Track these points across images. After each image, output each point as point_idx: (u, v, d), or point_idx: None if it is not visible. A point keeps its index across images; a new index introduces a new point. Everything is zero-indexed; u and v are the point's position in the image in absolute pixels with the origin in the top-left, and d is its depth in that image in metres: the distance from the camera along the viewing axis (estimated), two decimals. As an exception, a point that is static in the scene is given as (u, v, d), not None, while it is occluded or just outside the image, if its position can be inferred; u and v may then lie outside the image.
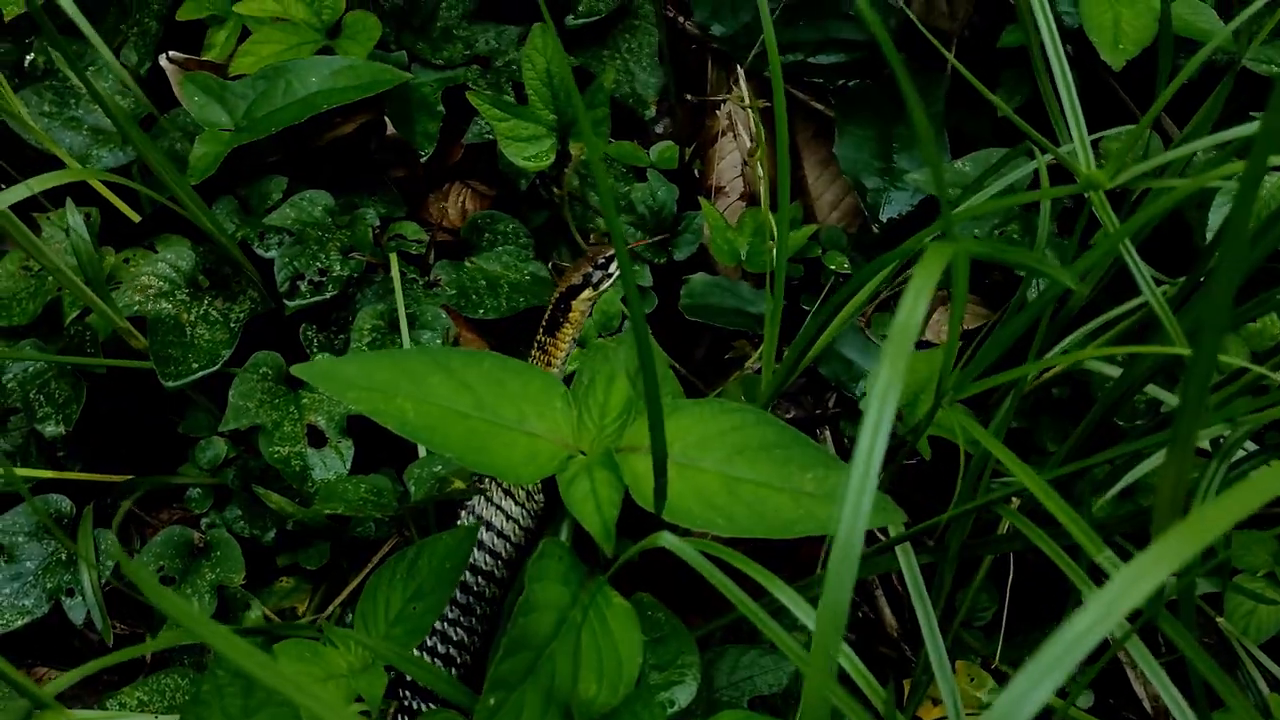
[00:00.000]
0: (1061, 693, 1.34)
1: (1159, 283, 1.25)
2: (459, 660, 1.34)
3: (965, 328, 1.56)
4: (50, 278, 1.51)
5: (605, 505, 1.03)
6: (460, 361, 1.08)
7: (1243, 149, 1.08)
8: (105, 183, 1.50)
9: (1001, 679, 1.38)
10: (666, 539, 0.93)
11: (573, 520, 1.21)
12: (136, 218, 1.53)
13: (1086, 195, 0.97)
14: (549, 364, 1.36)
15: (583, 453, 1.08)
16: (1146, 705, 1.37)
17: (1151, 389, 1.27)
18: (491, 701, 0.95)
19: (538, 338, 1.37)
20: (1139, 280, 0.97)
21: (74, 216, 1.33)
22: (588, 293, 1.35)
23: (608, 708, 1.01)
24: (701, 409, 1.09)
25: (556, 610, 1.02)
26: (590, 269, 1.36)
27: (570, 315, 1.35)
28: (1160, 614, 0.96)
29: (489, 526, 1.33)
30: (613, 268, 1.37)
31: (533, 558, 1.03)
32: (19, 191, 1.22)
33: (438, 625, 1.31)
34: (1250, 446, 1.14)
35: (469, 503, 1.35)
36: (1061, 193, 0.96)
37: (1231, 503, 0.57)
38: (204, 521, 1.45)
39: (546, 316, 1.38)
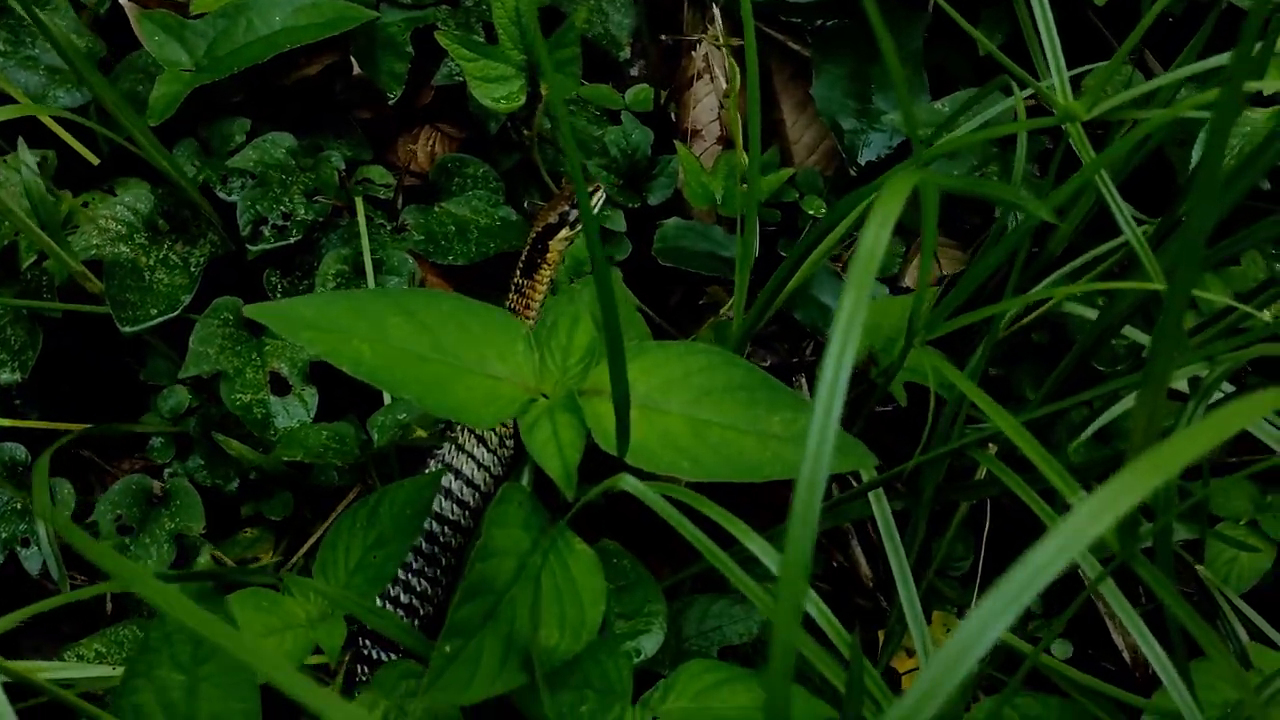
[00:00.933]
0: (1034, 639, 1.33)
1: (1140, 222, 1.22)
2: (422, 611, 1.31)
3: (943, 273, 1.53)
4: (6, 222, 1.47)
5: (567, 448, 1.00)
6: (420, 303, 1.05)
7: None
8: (63, 124, 1.46)
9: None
10: (628, 481, 0.90)
11: (535, 465, 1.18)
12: (95, 160, 1.49)
13: (1064, 129, 0.94)
14: (527, 306, 1.33)
15: (545, 396, 1.05)
16: (1125, 656, 1.35)
17: (1130, 331, 1.25)
18: (448, 648, 0.93)
19: (514, 279, 1.34)
20: (1117, 215, 0.94)
21: (27, 155, 1.29)
22: (565, 232, 1.32)
23: (570, 654, 0.99)
24: (666, 351, 1.06)
25: (516, 556, 1.00)
26: (567, 208, 1.32)
27: (547, 256, 1.32)
28: (1137, 559, 0.94)
29: (458, 474, 1.30)
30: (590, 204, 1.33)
31: (492, 503, 1.00)
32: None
33: (401, 575, 1.29)
34: (1229, 388, 1.11)
35: (438, 450, 1.32)
36: (1039, 125, 0.93)
37: (1202, 432, 0.55)
38: (166, 471, 1.42)
39: (523, 258, 1.35)
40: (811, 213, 1.56)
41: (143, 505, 1.35)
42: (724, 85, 1.68)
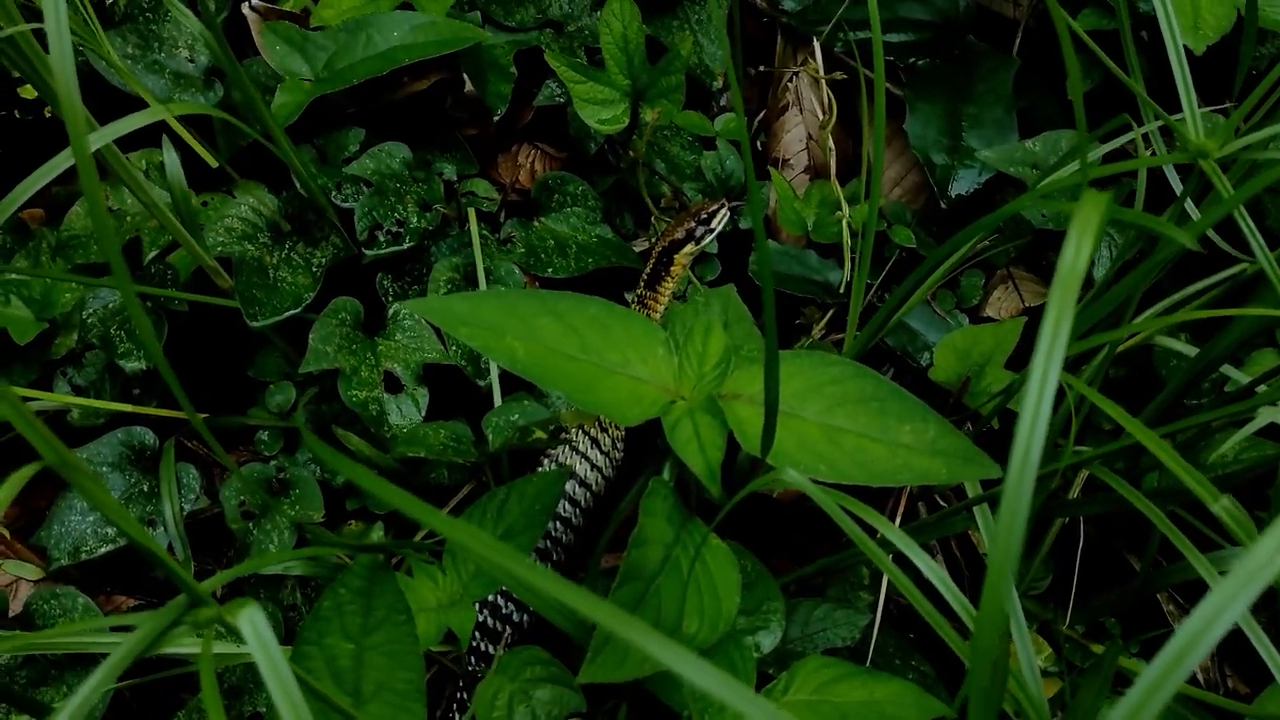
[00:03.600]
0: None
1: (1236, 260, 1.29)
2: (533, 605, 1.36)
3: (1025, 304, 1.60)
4: (129, 217, 1.52)
5: (709, 448, 1.06)
6: (567, 305, 1.10)
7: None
8: (185, 126, 1.52)
9: (1060, 650, 1.41)
10: (790, 474, 0.95)
11: (673, 464, 1.24)
12: (214, 163, 1.55)
13: (1195, 164, 1.00)
14: (648, 318, 1.38)
15: (684, 398, 1.10)
16: (1199, 676, 1.40)
17: (1226, 369, 1.31)
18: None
19: (637, 291, 1.40)
20: (1253, 243, 1.00)
21: (170, 154, 1.35)
22: (690, 247, 1.38)
23: (706, 644, 1.04)
24: (802, 360, 1.11)
25: (663, 546, 1.05)
26: (693, 224, 1.39)
27: (672, 269, 1.38)
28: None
29: (571, 475, 1.36)
30: (715, 222, 1.40)
31: (643, 495, 1.06)
32: (124, 126, 1.23)
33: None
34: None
35: (551, 451, 1.37)
36: (1172, 160, 1.00)
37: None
38: (273, 464, 1.47)
39: (648, 270, 1.41)
40: (899, 242, 1.62)
41: (264, 493, 1.40)
42: (817, 117, 1.75)
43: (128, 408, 1.44)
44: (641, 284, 1.42)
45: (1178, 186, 1.33)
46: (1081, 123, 0.93)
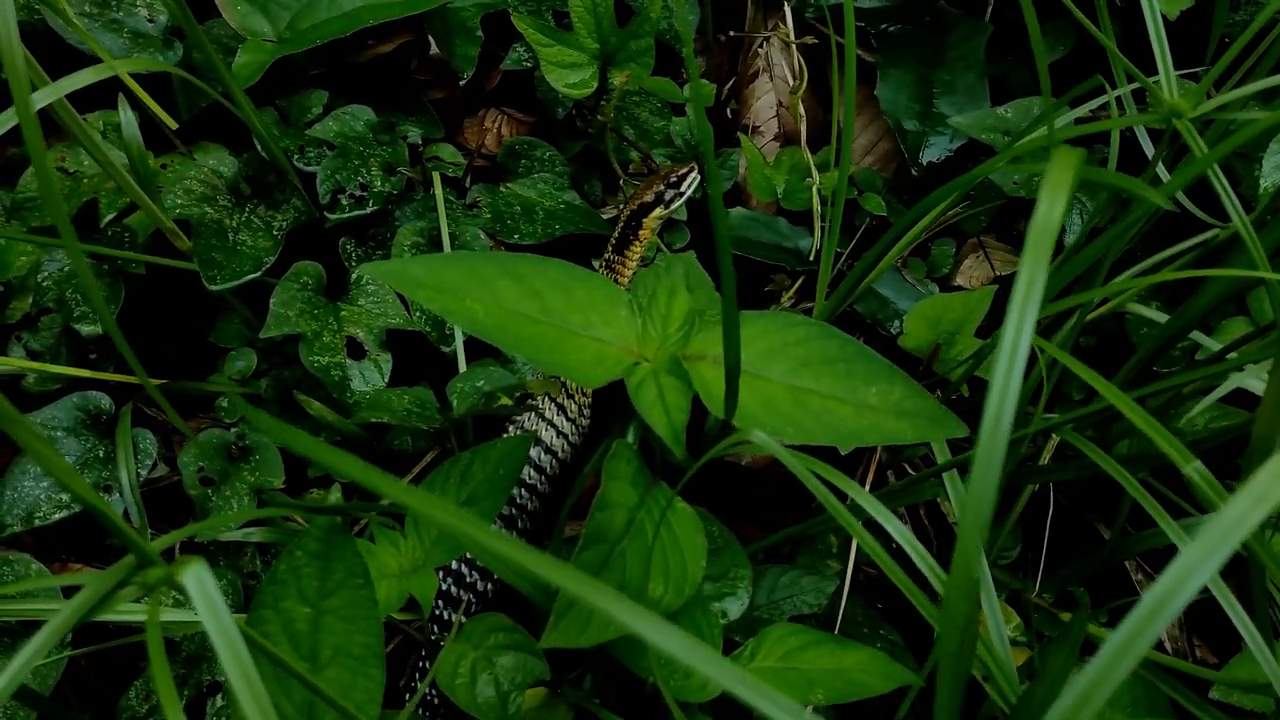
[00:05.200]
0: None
1: (1208, 226, 1.28)
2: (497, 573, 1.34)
3: (997, 273, 1.58)
4: (86, 179, 1.49)
5: (674, 410, 1.04)
6: (527, 268, 1.08)
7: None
8: (144, 86, 1.49)
9: (1028, 619, 1.40)
10: (757, 435, 0.94)
11: (637, 428, 1.22)
12: (174, 124, 1.52)
13: (1169, 125, 0.98)
14: (616, 281, 1.37)
15: (647, 360, 1.08)
16: (1168, 646, 1.40)
17: (1194, 334, 1.30)
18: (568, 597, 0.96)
19: (605, 256, 1.38)
20: (1226, 203, 0.99)
21: (126, 113, 1.32)
22: (659, 210, 1.36)
23: (672, 608, 1.02)
24: (767, 321, 1.10)
25: (627, 509, 1.03)
26: (662, 187, 1.36)
27: (640, 233, 1.37)
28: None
29: (537, 441, 1.34)
30: (684, 186, 1.38)
31: (606, 458, 1.04)
32: (74, 81, 1.20)
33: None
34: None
35: (517, 418, 1.35)
36: (1145, 121, 0.98)
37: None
38: (234, 431, 1.44)
39: (616, 234, 1.39)
40: (869, 209, 1.60)
41: (223, 459, 1.38)
42: (786, 83, 1.73)
43: (84, 373, 1.41)
44: (609, 248, 1.40)
45: (1152, 153, 1.32)
46: (1045, 81, 0.91)
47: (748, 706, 0.54)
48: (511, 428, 1.36)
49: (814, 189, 1.59)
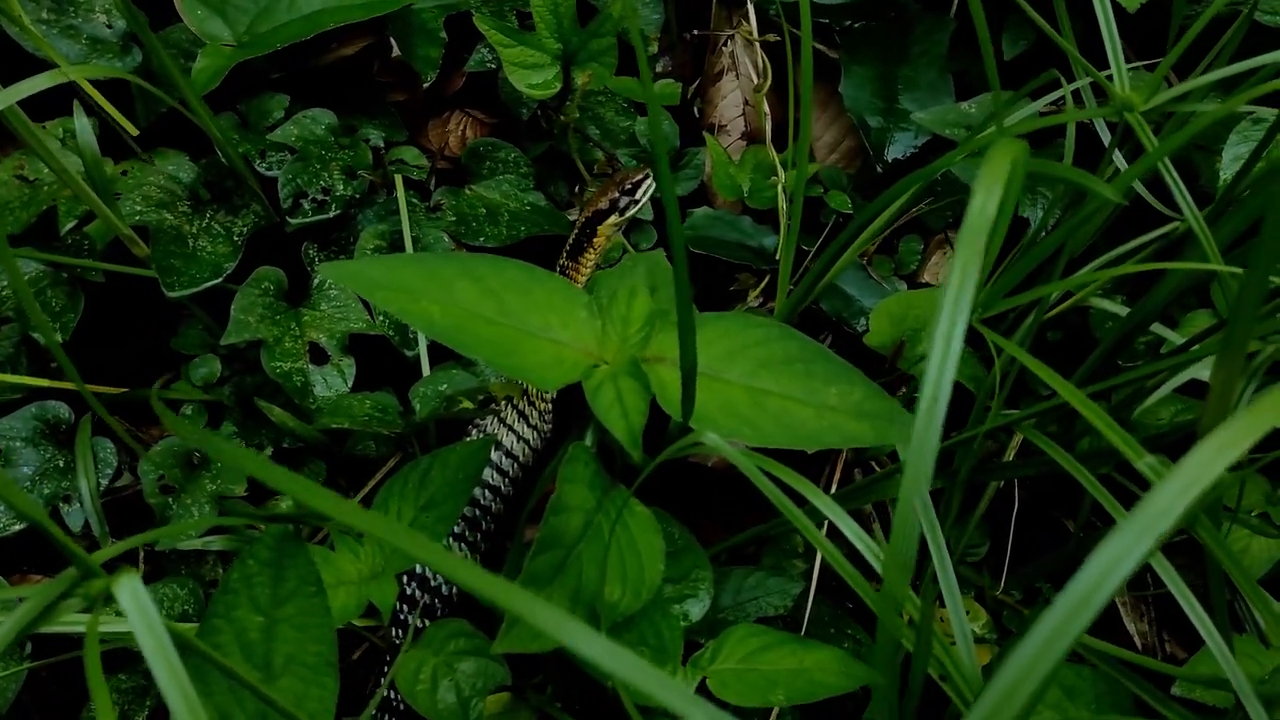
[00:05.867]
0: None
1: (1168, 219, 1.28)
2: (445, 590, 1.34)
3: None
4: (45, 187, 1.48)
5: (631, 412, 1.03)
6: (486, 268, 1.08)
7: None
8: (102, 93, 1.47)
9: (997, 616, 1.40)
10: (709, 437, 0.93)
11: (595, 431, 1.21)
12: (134, 130, 1.51)
13: (1120, 118, 0.98)
14: (569, 287, 1.36)
15: (606, 363, 1.08)
16: (1137, 641, 1.40)
17: (1156, 328, 1.30)
18: (522, 598, 0.95)
19: (560, 262, 1.37)
20: (1178, 197, 0.99)
21: (80, 119, 1.31)
22: (614, 218, 1.36)
23: (630, 611, 1.02)
24: (727, 322, 1.09)
25: (584, 513, 1.02)
26: (617, 194, 1.36)
27: (595, 240, 1.36)
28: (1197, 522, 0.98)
29: (498, 446, 1.33)
30: (639, 193, 1.37)
31: (562, 461, 1.03)
32: (27, 88, 1.19)
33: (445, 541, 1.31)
34: None
35: (479, 421, 1.35)
36: (1098, 114, 0.98)
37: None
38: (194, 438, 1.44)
39: (570, 241, 1.38)
40: (835, 207, 1.60)
41: (184, 467, 1.37)
42: (750, 81, 1.72)
43: (42, 382, 1.40)
44: (564, 254, 1.39)
45: (1117, 156, 1.31)
46: (994, 75, 0.91)
47: None
48: (474, 432, 1.35)
49: (779, 187, 1.58)
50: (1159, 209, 1.30)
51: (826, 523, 1.26)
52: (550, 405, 1.39)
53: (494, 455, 1.33)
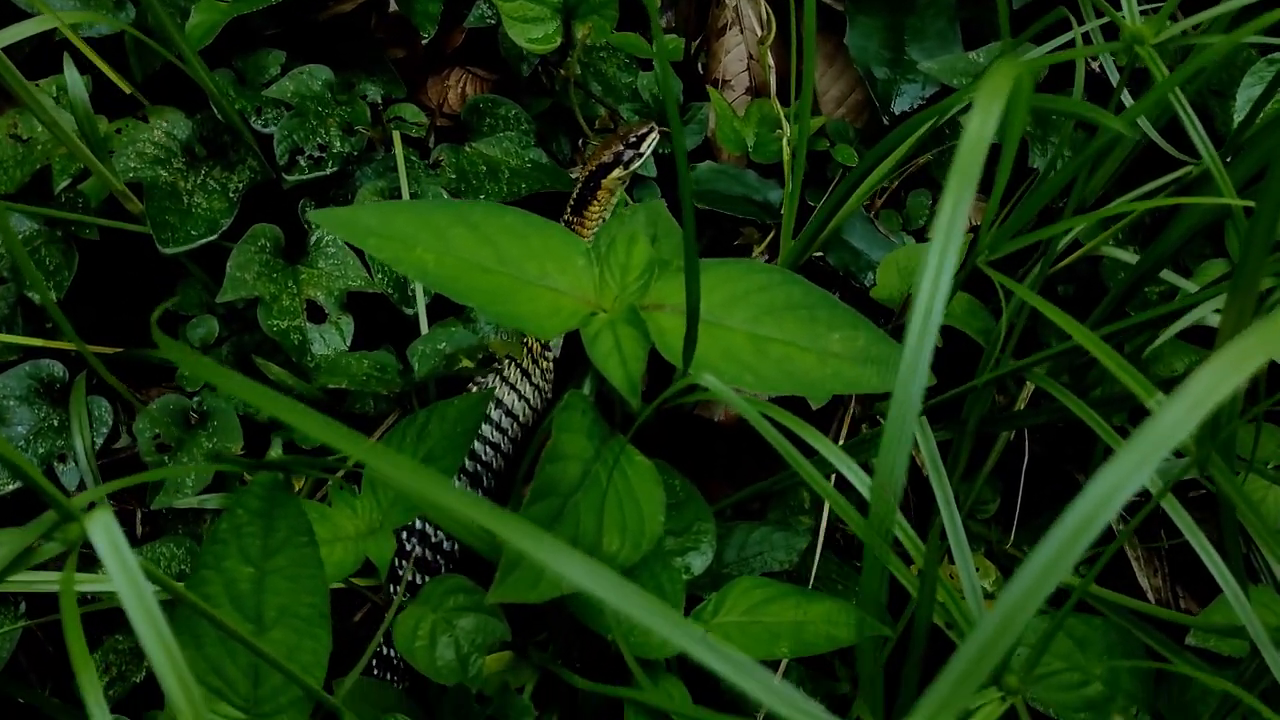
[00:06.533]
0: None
1: (1181, 164, 1.25)
2: (447, 545, 1.32)
3: (974, 224, 1.55)
4: (39, 146, 1.46)
5: (630, 360, 1.01)
6: (481, 215, 1.05)
7: None
8: (96, 50, 1.45)
9: (1008, 572, 1.37)
10: (707, 379, 0.91)
11: (594, 380, 1.19)
12: (128, 88, 1.48)
13: (1131, 53, 0.95)
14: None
15: (605, 310, 1.05)
16: (1150, 596, 1.37)
17: (1169, 275, 1.27)
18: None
19: (564, 217, 1.35)
20: (1190, 131, 0.96)
21: (71, 72, 1.29)
22: (618, 172, 1.33)
23: (629, 563, 0.99)
24: (729, 268, 1.06)
25: (581, 462, 1.00)
26: (622, 147, 1.34)
27: (599, 194, 1.34)
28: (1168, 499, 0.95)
29: (499, 403, 1.31)
30: (644, 146, 1.35)
31: (557, 409, 1.01)
32: (12, 34, 1.17)
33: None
34: None
35: (480, 380, 1.32)
36: (1107, 49, 0.95)
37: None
38: (195, 400, 1.41)
39: (574, 195, 1.36)
40: (841, 160, 1.57)
41: (181, 425, 1.35)
42: (754, 35, 1.69)
43: (37, 342, 1.38)
44: (568, 210, 1.37)
45: (1125, 96, 1.28)
46: (1004, 14, 0.88)
47: (702, 666, 0.51)
48: (474, 387, 1.33)
49: (784, 140, 1.55)
50: (1172, 154, 1.27)
51: (834, 475, 1.24)
52: (552, 365, 1.37)
53: (494, 413, 1.31)
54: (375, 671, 1.24)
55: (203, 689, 0.92)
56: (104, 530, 0.63)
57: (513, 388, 1.33)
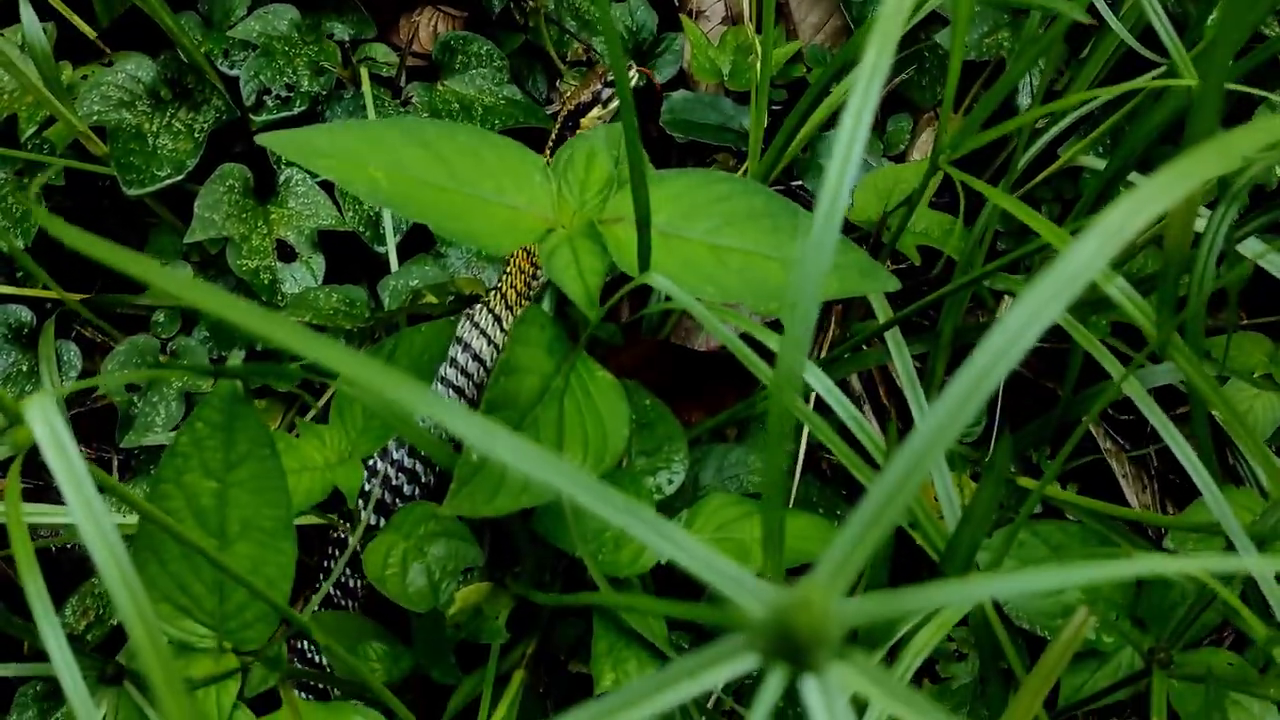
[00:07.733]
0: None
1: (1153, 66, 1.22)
2: (424, 478, 1.30)
3: (952, 145, 1.53)
4: (5, 95, 1.44)
5: (588, 273, 0.99)
6: (435, 133, 1.03)
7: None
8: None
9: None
10: (657, 279, 0.89)
11: (553, 296, 1.18)
12: (93, 34, 1.47)
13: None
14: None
15: (563, 227, 1.04)
16: (1136, 506, 1.36)
17: (1134, 177, 1.24)
18: (474, 458, 0.91)
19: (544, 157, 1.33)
20: (1153, 19, 0.93)
21: (27, 10, 1.27)
22: (597, 110, 1.32)
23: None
24: (688, 178, 1.05)
25: (540, 376, 0.99)
26: (600, 86, 1.32)
27: (578, 134, 1.31)
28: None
29: (466, 347, 1.29)
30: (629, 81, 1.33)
31: (514, 323, 1.00)
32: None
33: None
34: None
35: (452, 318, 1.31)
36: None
37: (1263, 126, 0.54)
38: (170, 345, 1.40)
39: (553, 136, 1.34)
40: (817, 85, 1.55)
41: (150, 366, 1.34)
42: (729, -37, 1.67)
43: (10, 289, 1.37)
44: (548, 150, 1.35)
45: (1111, 20, 1.25)
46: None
47: (684, 571, 0.49)
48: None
49: (757, 66, 1.53)
50: (1150, 57, 1.24)
51: (814, 395, 1.22)
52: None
53: (460, 357, 1.29)
54: (339, 601, 1.23)
55: (167, 605, 0.92)
56: (41, 413, 0.61)
57: (484, 334, 1.31)
